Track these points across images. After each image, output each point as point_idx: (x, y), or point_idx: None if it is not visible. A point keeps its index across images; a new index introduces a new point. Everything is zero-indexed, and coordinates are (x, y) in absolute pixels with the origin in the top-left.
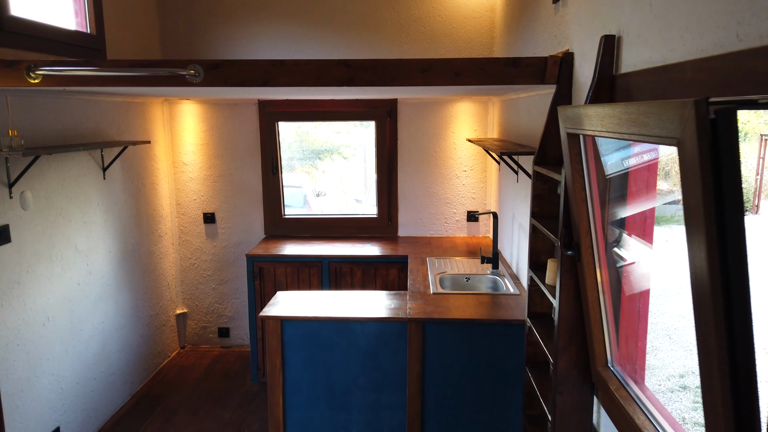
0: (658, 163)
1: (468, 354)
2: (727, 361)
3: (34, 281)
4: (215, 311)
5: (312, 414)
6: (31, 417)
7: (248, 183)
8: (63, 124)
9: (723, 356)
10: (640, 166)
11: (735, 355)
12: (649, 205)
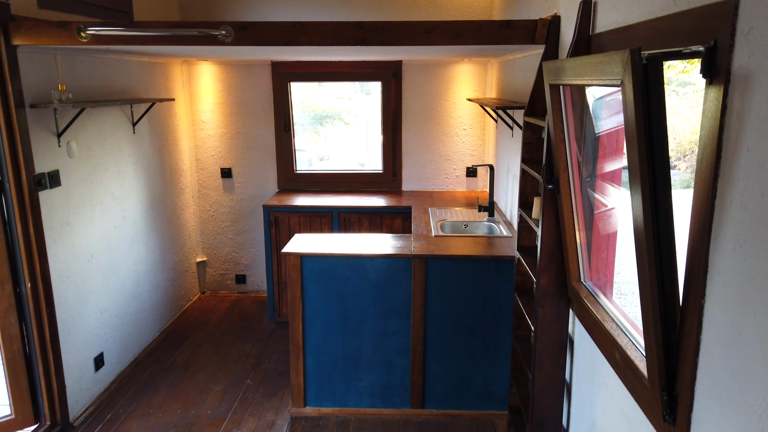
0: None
1: (465, 286)
2: (654, 255)
3: (79, 222)
4: (233, 259)
5: (328, 339)
6: (80, 341)
7: (262, 140)
8: (98, 81)
9: (652, 254)
10: (611, 130)
11: (660, 253)
12: (618, 160)
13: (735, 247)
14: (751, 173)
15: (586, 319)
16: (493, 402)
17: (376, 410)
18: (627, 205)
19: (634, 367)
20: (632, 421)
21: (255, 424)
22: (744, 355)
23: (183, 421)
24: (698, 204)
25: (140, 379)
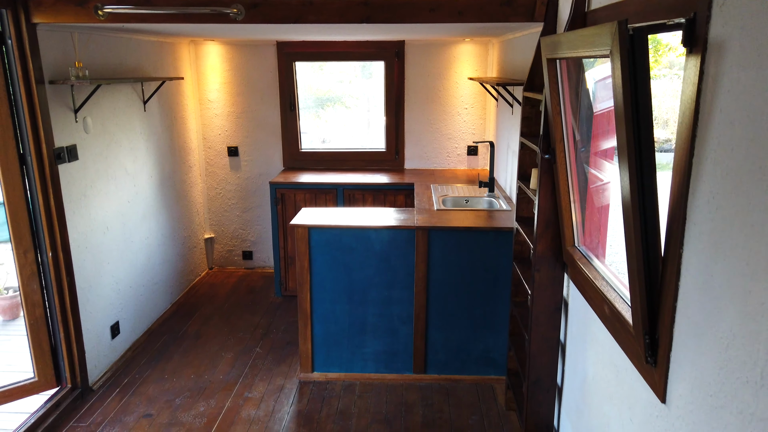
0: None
1: (466, 257)
2: (638, 216)
3: (95, 195)
4: (239, 236)
5: (335, 307)
6: (97, 310)
7: (268, 119)
8: (111, 59)
9: (636, 213)
10: (606, 110)
11: (644, 213)
12: (613, 138)
13: (709, 200)
14: (722, 131)
15: (579, 280)
16: (493, 367)
17: (380, 375)
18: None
19: (621, 318)
20: (619, 369)
21: (265, 388)
22: (715, 295)
23: (197, 385)
24: (678, 162)
25: (154, 348)
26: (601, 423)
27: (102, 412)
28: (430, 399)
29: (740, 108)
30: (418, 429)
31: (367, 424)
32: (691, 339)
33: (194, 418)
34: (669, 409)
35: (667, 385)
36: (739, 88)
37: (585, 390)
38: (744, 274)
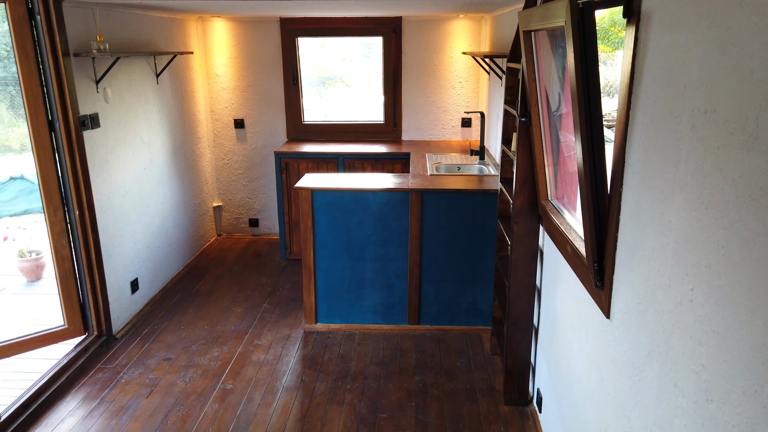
0: None
1: (456, 216)
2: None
3: (115, 161)
4: (246, 204)
5: (336, 264)
6: (119, 266)
7: (272, 93)
8: (127, 35)
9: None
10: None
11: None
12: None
13: (639, 144)
14: (648, 86)
15: (551, 229)
16: (480, 319)
17: (377, 326)
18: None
19: (578, 253)
20: (579, 300)
21: (273, 336)
22: (641, 221)
23: (211, 334)
24: (620, 116)
25: (170, 303)
26: (565, 349)
27: (126, 356)
28: (423, 346)
29: (659, 66)
30: (412, 370)
31: (366, 366)
32: (627, 261)
33: (210, 361)
34: (612, 323)
35: (611, 303)
36: (658, 51)
37: (555, 324)
38: (660, 200)
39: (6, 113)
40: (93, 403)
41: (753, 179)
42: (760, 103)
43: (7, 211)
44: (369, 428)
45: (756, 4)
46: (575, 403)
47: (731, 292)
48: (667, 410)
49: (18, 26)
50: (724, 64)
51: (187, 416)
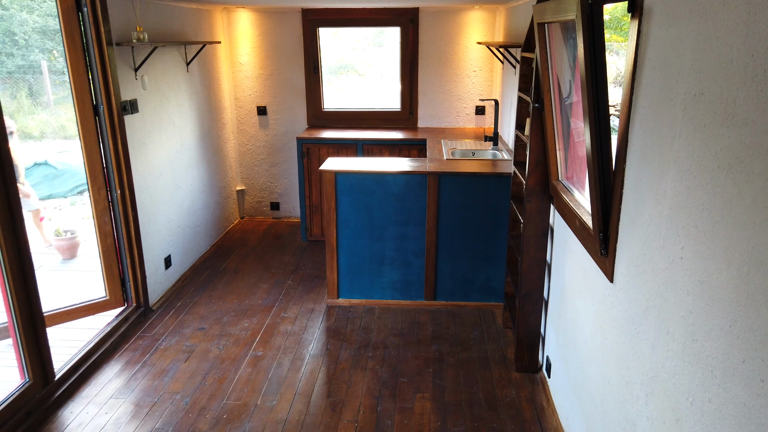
0: None
1: (471, 198)
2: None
3: (151, 144)
4: (267, 188)
5: (357, 242)
6: (154, 243)
7: (293, 81)
8: (161, 25)
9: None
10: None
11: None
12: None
13: (641, 125)
14: (649, 73)
15: (560, 206)
16: (492, 295)
17: (396, 301)
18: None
19: (586, 226)
20: (586, 269)
21: (298, 310)
22: (641, 193)
23: (240, 307)
24: (624, 101)
25: (199, 280)
26: (573, 316)
27: (162, 326)
28: (439, 319)
29: (658, 56)
30: (428, 340)
31: (386, 337)
32: (628, 229)
33: (240, 331)
34: (615, 286)
35: (614, 269)
36: (658, 42)
37: (563, 295)
38: (657, 173)
39: (26, 101)
40: (136, 366)
41: (731, 150)
42: (738, 86)
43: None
44: (391, 390)
45: (735, 3)
46: (581, 363)
47: (713, 247)
48: (661, 355)
49: (67, 17)
50: (710, 53)
51: (223, 378)
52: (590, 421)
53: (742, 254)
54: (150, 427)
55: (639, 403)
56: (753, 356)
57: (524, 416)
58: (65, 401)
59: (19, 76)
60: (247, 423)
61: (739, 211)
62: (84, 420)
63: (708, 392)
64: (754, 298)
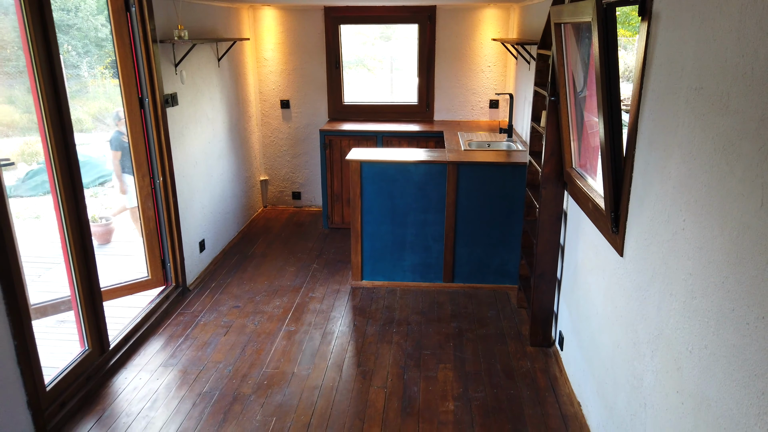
0: None
1: (487, 186)
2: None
3: (188, 135)
4: (290, 179)
5: (380, 228)
6: (191, 227)
7: (315, 76)
8: (196, 23)
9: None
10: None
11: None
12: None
13: (648, 116)
14: (656, 70)
15: (574, 192)
16: (507, 278)
17: (416, 283)
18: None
19: (598, 207)
20: (597, 247)
21: (325, 291)
22: (649, 176)
23: (270, 288)
24: (634, 94)
25: (230, 263)
26: (585, 291)
27: (200, 304)
28: (457, 300)
29: (663, 54)
30: (448, 318)
31: (408, 315)
32: (637, 208)
33: (273, 309)
34: (625, 259)
35: (625, 243)
36: (664, 43)
37: (576, 273)
38: (662, 158)
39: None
40: (180, 339)
41: (724, 135)
42: (731, 82)
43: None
44: (415, 361)
45: (730, 11)
46: (592, 332)
47: (710, 217)
48: (665, 314)
49: (117, 16)
50: (708, 54)
51: (261, 350)
52: (600, 383)
53: (733, 221)
54: (198, 391)
55: (645, 359)
56: (740, 305)
57: (539, 384)
58: (119, 368)
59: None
60: (286, 388)
61: (731, 185)
62: (138, 385)
63: (704, 340)
64: (742, 257)
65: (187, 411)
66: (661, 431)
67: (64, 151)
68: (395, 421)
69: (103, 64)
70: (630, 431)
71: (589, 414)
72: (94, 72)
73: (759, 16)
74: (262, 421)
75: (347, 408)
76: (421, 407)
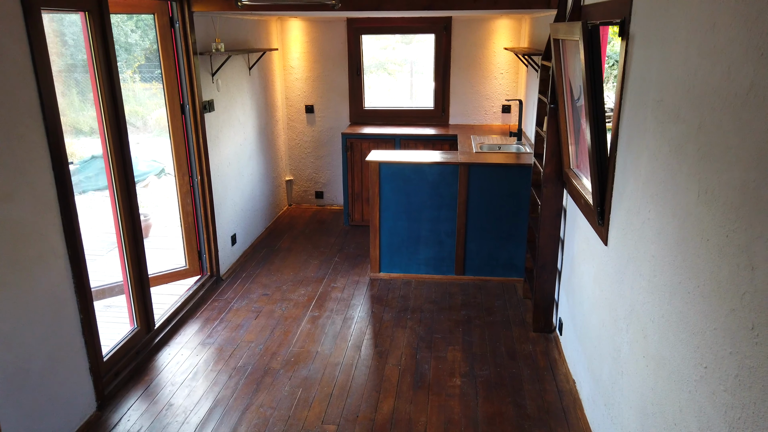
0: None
1: (496, 185)
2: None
3: (223, 138)
4: (313, 179)
5: (396, 223)
6: (224, 222)
7: (338, 82)
8: (231, 35)
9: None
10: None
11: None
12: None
13: (626, 122)
14: (632, 83)
15: (571, 190)
16: (514, 271)
17: (430, 276)
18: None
19: (588, 203)
20: (588, 238)
21: (345, 281)
22: (626, 173)
23: (295, 278)
24: (615, 104)
25: (258, 256)
26: (579, 279)
27: (232, 292)
28: (467, 291)
29: (637, 70)
30: (458, 307)
31: (422, 303)
32: (618, 202)
33: (299, 296)
34: (608, 248)
35: (608, 234)
36: (637, 60)
37: (573, 263)
38: (635, 158)
39: (76, 98)
40: (215, 322)
41: (676, 140)
42: (681, 95)
43: (92, 186)
44: (427, 344)
45: (681, 37)
46: (584, 315)
47: (666, 207)
48: (636, 292)
49: (163, 32)
50: (666, 71)
51: (288, 332)
52: (590, 358)
53: (680, 210)
54: (233, 365)
55: (622, 333)
56: (684, 278)
57: (539, 364)
58: (163, 346)
59: (67, 74)
60: (311, 364)
61: (679, 180)
62: (180, 360)
63: (662, 310)
64: (686, 238)
65: (224, 382)
66: (633, 393)
67: (119, 150)
68: (408, 393)
69: (131, 68)
70: (612, 397)
71: (582, 389)
72: (123, 76)
73: (699, 42)
74: (290, 391)
75: (365, 382)
76: (431, 382)
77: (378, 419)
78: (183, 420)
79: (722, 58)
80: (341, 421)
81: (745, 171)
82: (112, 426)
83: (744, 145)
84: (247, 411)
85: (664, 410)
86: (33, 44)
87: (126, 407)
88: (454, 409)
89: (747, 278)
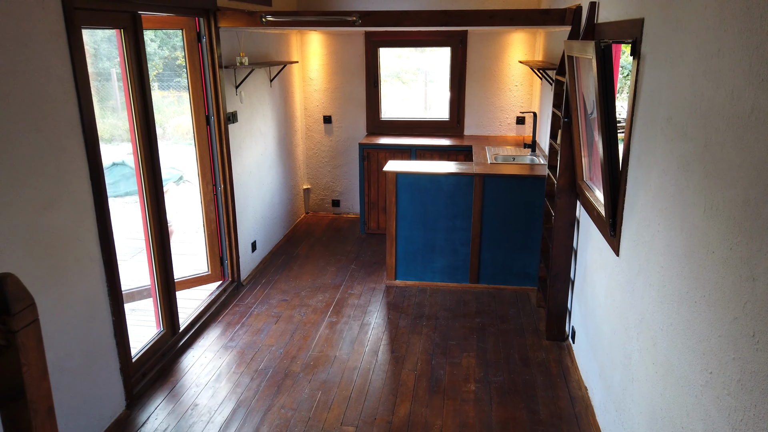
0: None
1: (511, 196)
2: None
3: (245, 148)
4: (330, 187)
5: (413, 232)
6: (246, 229)
7: (355, 94)
8: (253, 49)
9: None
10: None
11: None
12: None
13: (638, 138)
14: (643, 101)
15: (584, 202)
16: (528, 280)
17: (445, 284)
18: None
19: (601, 215)
20: (601, 250)
21: (362, 288)
22: (637, 187)
23: (313, 285)
24: (627, 121)
25: (277, 263)
26: (592, 288)
27: (252, 297)
28: (482, 299)
29: (648, 89)
30: (473, 314)
31: (437, 311)
32: (629, 215)
33: (317, 302)
34: (620, 258)
35: (620, 245)
36: (648, 79)
37: (585, 273)
38: (645, 173)
39: (96, 107)
40: (237, 326)
41: (683, 157)
42: (689, 114)
43: (112, 193)
44: (442, 350)
45: (689, 59)
46: (597, 324)
47: (674, 221)
48: (646, 301)
49: (190, 46)
50: (675, 91)
51: (307, 336)
52: (602, 366)
53: (687, 224)
54: (255, 368)
55: (632, 341)
56: (691, 288)
57: (552, 372)
58: (187, 348)
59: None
60: (329, 368)
61: (686, 196)
62: (204, 362)
63: (670, 318)
64: (693, 250)
65: (246, 384)
66: (643, 398)
67: (150, 158)
68: (424, 398)
69: (150, 76)
70: (623, 403)
71: (594, 395)
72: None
73: (705, 66)
74: (310, 394)
75: (382, 386)
76: (446, 387)
77: (395, 422)
78: (208, 420)
79: (726, 82)
80: (360, 423)
81: (746, 188)
82: (140, 425)
83: (746, 164)
84: (268, 412)
85: (672, 415)
86: (74, 61)
87: (153, 407)
88: (469, 413)
89: (749, 288)
